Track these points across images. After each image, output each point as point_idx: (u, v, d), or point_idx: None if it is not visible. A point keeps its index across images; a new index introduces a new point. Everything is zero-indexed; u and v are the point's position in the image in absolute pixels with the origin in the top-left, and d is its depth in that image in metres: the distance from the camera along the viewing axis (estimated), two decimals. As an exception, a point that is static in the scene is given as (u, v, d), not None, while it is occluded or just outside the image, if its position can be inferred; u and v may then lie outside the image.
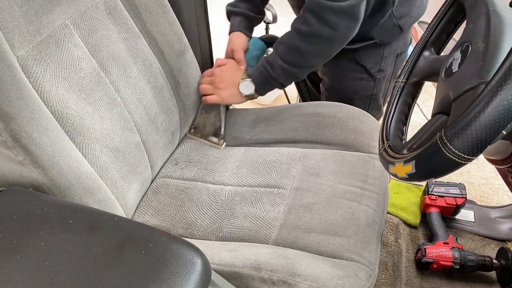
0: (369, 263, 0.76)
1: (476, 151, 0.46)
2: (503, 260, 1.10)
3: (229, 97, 1.07)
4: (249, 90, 1.04)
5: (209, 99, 1.07)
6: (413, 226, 1.29)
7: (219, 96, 1.06)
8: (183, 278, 0.52)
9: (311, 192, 0.90)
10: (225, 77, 1.06)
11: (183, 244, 0.56)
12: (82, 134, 0.75)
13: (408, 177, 0.54)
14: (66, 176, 0.68)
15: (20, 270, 0.52)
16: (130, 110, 0.88)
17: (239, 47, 1.10)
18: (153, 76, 0.95)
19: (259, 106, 1.05)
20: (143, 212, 0.91)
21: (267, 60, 1.00)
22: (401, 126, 0.71)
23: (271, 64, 0.99)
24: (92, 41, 0.81)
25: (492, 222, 1.29)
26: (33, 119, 0.64)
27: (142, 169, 0.90)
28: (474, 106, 0.45)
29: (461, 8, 0.69)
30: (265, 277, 0.72)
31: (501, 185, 1.56)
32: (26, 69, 0.67)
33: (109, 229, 0.57)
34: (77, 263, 0.53)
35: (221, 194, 0.93)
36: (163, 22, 0.96)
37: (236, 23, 1.12)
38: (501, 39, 0.55)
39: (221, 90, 1.06)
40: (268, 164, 0.99)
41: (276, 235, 0.83)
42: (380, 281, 1.14)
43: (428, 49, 0.73)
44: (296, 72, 0.99)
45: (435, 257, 1.11)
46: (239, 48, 1.10)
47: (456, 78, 0.58)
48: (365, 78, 1.16)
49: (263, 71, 1.01)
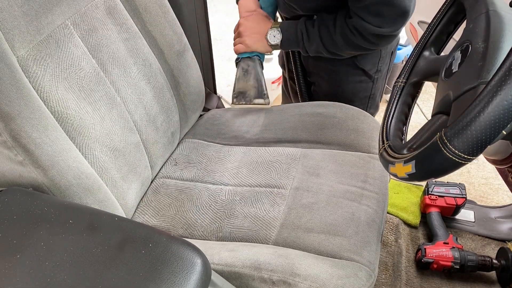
0: (369, 263, 0.76)
1: (476, 151, 0.46)
2: (503, 260, 1.10)
3: (254, 44, 1.08)
4: (276, 40, 1.06)
5: (236, 49, 1.10)
6: (413, 226, 1.29)
7: (244, 44, 1.09)
8: (183, 278, 0.52)
9: (311, 192, 0.90)
10: (250, 25, 1.08)
11: (183, 244, 0.56)
12: (82, 134, 0.75)
13: (408, 177, 0.54)
14: (66, 176, 0.68)
15: (20, 270, 0.52)
16: (130, 110, 0.88)
17: (256, 6, 1.12)
18: (153, 76, 0.95)
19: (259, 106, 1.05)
20: (143, 212, 0.91)
21: (307, 28, 1.03)
22: (401, 126, 0.71)
23: (309, 35, 1.03)
24: (92, 41, 0.81)
25: (492, 222, 1.29)
26: (33, 119, 0.64)
27: (142, 169, 0.90)
28: (474, 106, 0.45)
29: (461, 8, 0.69)
30: (265, 277, 0.72)
31: (501, 185, 1.56)
32: (26, 69, 0.67)
33: (109, 229, 0.57)
34: (77, 263, 0.53)
35: (221, 194, 0.93)
36: (163, 22, 0.96)
37: None
38: (501, 39, 0.55)
39: (246, 37, 1.08)
40: (268, 164, 0.99)
41: (276, 235, 0.83)
42: (380, 281, 1.14)
43: (428, 49, 0.73)
44: (325, 53, 1.04)
45: (435, 257, 1.11)
46: (256, 7, 1.11)
47: (456, 78, 0.58)
48: (364, 80, 1.16)
49: (298, 34, 1.04)
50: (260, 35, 1.07)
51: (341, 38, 0.99)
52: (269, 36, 1.06)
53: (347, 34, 0.98)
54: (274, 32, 1.06)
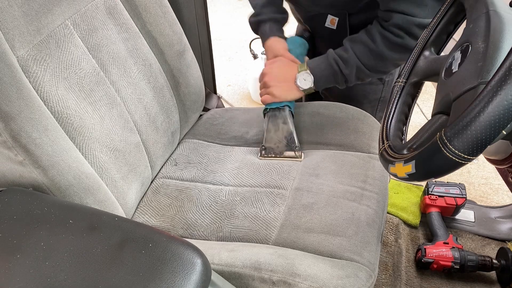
0: (369, 263, 0.76)
1: (476, 151, 0.46)
2: (503, 260, 1.10)
3: (284, 93, 1.01)
4: (308, 83, 0.99)
5: (263, 99, 1.03)
6: (413, 226, 1.29)
7: (272, 95, 1.01)
8: (183, 278, 0.52)
9: (311, 193, 0.90)
10: (275, 74, 1.01)
11: (183, 244, 0.56)
12: (82, 134, 0.75)
13: (408, 177, 0.54)
14: (66, 176, 0.68)
15: (20, 270, 0.52)
16: (130, 110, 0.88)
17: (283, 50, 1.06)
18: (153, 76, 0.95)
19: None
20: (143, 212, 0.91)
21: (340, 56, 0.97)
22: (401, 126, 0.70)
23: (346, 61, 0.97)
24: (92, 41, 0.81)
25: (492, 222, 1.29)
26: (33, 119, 0.64)
27: (142, 169, 0.90)
28: (474, 106, 0.45)
29: (461, 8, 0.69)
30: (265, 277, 0.72)
31: (501, 185, 1.56)
32: (26, 69, 0.67)
33: (109, 229, 0.57)
34: (77, 263, 0.53)
35: (221, 195, 0.93)
36: (163, 22, 0.96)
37: (268, 29, 1.08)
38: (501, 39, 0.55)
39: (273, 87, 1.01)
40: (268, 165, 0.99)
41: (276, 235, 0.83)
42: (380, 281, 1.14)
43: (428, 49, 0.73)
44: (367, 74, 0.99)
45: (435, 257, 1.11)
46: (283, 51, 1.05)
47: (456, 78, 0.58)
48: (375, 82, 1.15)
49: (333, 65, 0.98)
50: (289, 83, 1.00)
51: (384, 46, 0.93)
52: (299, 82, 0.99)
53: (389, 38, 0.92)
54: (304, 76, 0.98)
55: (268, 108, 1.04)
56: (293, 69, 1.01)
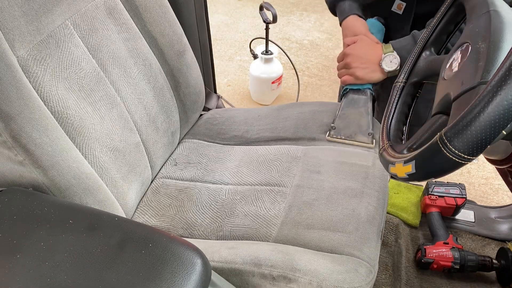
0: (369, 258, 0.76)
1: (476, 151, 0.46)
2: (503, 260, 1.10)
3: (367, 75, 0.98)
4: (393, 65, 0.95)
5: (344, 80, 1.00)
6: (413, 226, 1.29)
7: (354, 76, 0.98)
8: (183, 278, 0.52)
9: (312, 189, 0.90)
10: (359, 54, 0.98)
11: (183, 244, 0.56)
12: (82, 134, 0.75)
13: (408, 177, 0.54)
14: (66, 176, 0.68)
15: (20, 270, 0.52)
16: (130, 110, 0.88)
17: (365, 29, 1.01)
18: (153, 76, 0.95)
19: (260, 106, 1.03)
20: (143, 213, 0.91)
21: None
22: (401, 126, 0.71)
23: None
24: (92, 41, 0.81)
25: (492, 222, 1.29)
26: (33, 119, 0.64)
27: (142, 169, 0.91)
28: (474, 106, 0.45)
29: (461, 8, 0.69)
30: (266, 273, 0.72)
31: (501, 185, 1.56)
32: (26, 69, 0.67)
33: (109, 229, 0.57)
34: (77, 263, 0.53)
35: (221, 194, 0.93)
36: (163, 22, 0.96)
37: (347, 7, 1.04)
38: (501, 39, 0.55)
39: (357, 68, 0.97)
40: (268, 163, 0.99)
41: (277, 232, 0.83)
42: (380, 281, 1.14)
43: (428, 49, 0.74)
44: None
45: (435, 257, 1.11)
46: (365, 30, 1.01)
47: (456, 78, 0.58)
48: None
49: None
50: (373, 64, 0.96)
51: None
52: (384, 64, 0.95)
53: None
54: (390, 57, 0.95)
55: (348, 88, 1.01)
56: (377, 50, 0.97)
